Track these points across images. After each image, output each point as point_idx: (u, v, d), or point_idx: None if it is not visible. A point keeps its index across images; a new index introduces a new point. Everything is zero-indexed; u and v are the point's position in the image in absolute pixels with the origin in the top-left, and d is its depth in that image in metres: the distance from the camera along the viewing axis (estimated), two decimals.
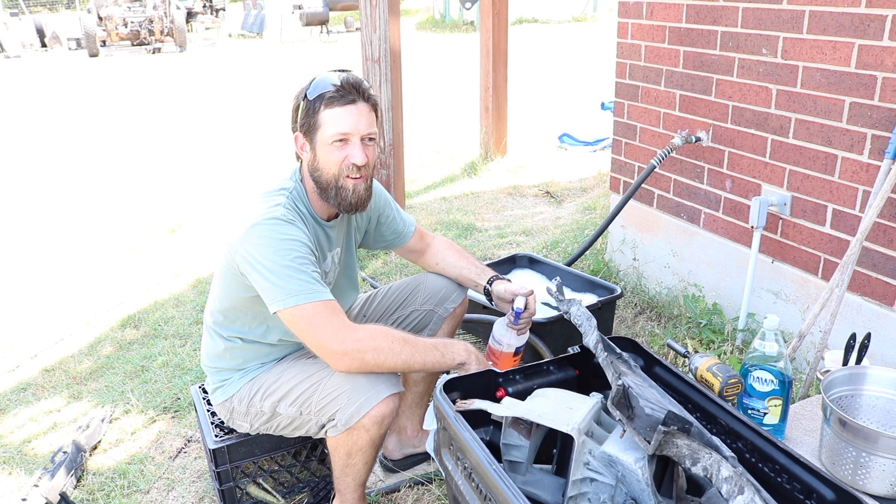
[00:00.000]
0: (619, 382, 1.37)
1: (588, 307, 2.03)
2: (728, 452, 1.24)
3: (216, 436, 1.94)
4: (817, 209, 2.39)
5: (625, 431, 1.38)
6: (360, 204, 1.79)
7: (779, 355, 1.65)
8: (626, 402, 1.35)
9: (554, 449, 1.57)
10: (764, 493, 1.17)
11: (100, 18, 16.46)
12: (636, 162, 3.26)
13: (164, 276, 3.88)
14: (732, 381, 1.66)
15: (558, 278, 1.94)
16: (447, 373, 1.74)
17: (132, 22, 16.58)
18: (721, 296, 2.87)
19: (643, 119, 3.16)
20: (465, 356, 1.73)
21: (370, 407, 1.65)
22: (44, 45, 17.69)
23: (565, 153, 6.05)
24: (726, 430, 1.48)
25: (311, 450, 2.06)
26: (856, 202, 2.25)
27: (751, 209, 2.56)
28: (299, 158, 1.83)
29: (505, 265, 3.16)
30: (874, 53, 2.11)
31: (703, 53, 2.75)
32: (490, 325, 2.65)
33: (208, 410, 2.06)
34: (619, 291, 2.73)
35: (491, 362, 1.90)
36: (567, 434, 1.39)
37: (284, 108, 1.80)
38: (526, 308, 1.92)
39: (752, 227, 2.58)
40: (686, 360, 1.84)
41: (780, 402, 1.66)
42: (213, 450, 1.91)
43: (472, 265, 2.13)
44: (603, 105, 6.77)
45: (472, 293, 2.34)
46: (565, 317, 1.75)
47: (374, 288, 2.42)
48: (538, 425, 1.49)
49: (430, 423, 2.16)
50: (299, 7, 19.47)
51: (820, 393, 1.64)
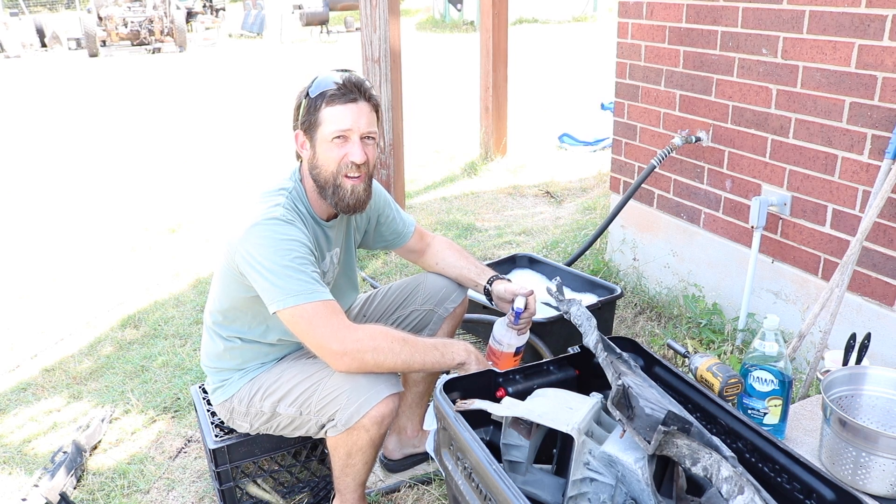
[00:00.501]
0: (619, 382, 1.37)
1: (588, 307, 2.03)
2: (728, 452, 1.24)
3: (216, 436, 1.94)
4: (817, 209, 2.39)
5: (625, 431, 1.38)
6: (359, 205, 1.79)
7: (779, 355, 1.65)
8: (626, 402, 1.35)
9: (554, 449, 1.57)
10: (764, 493, 1.17)
11: (100, 18, 16.47)
12: (636, 162, 3.26)
13: (164, 276, 3.88)
14: (732, 381, 1.66)
15: (558, 278, 1.94)
16: (447, 373, 1.74)
17: (132, 22, 16.59)
18: (721, 296, 2.87)
19: (643, 119, 3.16)
20: (464, 356, 1.73)
21: (370, 407, 1.65)
22: (44, 45, 17.69)
23: (565, 153, 6.05)
24: (726, 430, 1.48)
25: (311, 450, 2.06)
26: (856, 202, 2.25)
27: (751, 209, 2.56)
28: (299, 158, 1.83)
29: (505, 265, 3.16)
30: (874, 53, 2.11)
31: (703, 53, 2.75)
32: (490, 325, 2.65)
33: (208, 410, 2.06)
34: (619, 291, 2.73)
35: (491, 362, 1.90)
36: (567, 434, 1.39)
37: (284, 108, 1.81)
38: (526, 308, 1.92)
39: (752, 227, 2.58)
40: (686, 360, 1.84)
41: (780, 402, 1.67)
42: (213, 450, 1.91)
43: (472, 265, 2.13)
44: (603, 105, 6.77)
45: (472, 293, 2.34)
46: (565, 317, 1.75)
47: (374, 288, 2.42)
48: (538, 425, 1.49)
49: (431, 424, 2.16)
50: (299, 7, 19.48)
51: (820, 393, 1.64)
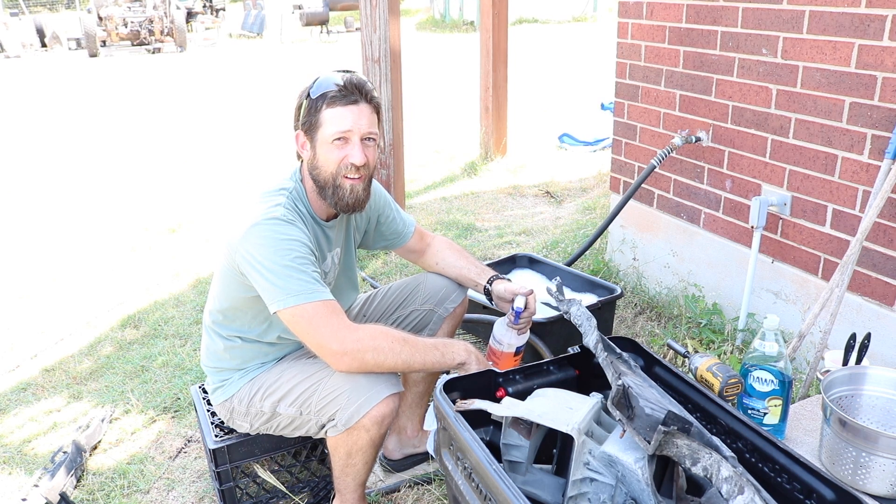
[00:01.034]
0: (619, 382, 1.37)
1: (588, 307, 2.03)
2: (728, 452, 1.24)
3: (216, 436, 1.94)
4: (817, 209, 2.39)
5: (625, 431, 1.38)
6: (358, 205, 1.79)
7: (779, 355, 1.65)
8: (626, 402, 1.35)
9: (554, 449, 1.57)
10: (764, 493, 1.17)
11: (100, 18, 16.46)
12: (636, 162, 3.26)
13: (164, 276, 3.88)
14: (732, 381, 1.66)
15: (558, 278, 1.94)
16: (447, 373, 1.74)
17: (132, 22, 16.59)
18: (721, 296, 2.87)
19: (643, 119, 3.16)
20: (464, 356, 1.73)
21: (370, 407, 1.65)
22: (44, 45, 17.69)
23: (565, 153, 6.05)
24: (726, 430, 1.48)
25: (311, 450, 2.06)
26: (856, 202, 2.25)
27: (751, 209, 2.56)
28: (300, 158, 1.83)
29: (505, 265, 3.16)
30: (874, 53, 2.11)
31: (703, 53, 2.75)
32: (490, 325, 2.65)
33: (208, 410, 2.06)
34: (619, 291, 2.73)
35: (491, 362, 1.90)
36: (567, 434, 1.39)
37: (284, 108, 1.81)
38: (526, 307, 1.92)
39: (752, 227, 2.58)
40: (686, 360, 1.84)
41: (780, 402, 1.66)
42: (213, 450, 1.91)
43: (472, 265, 2.13)
44: (603, 105, 6.77)
45: (472, 293, 2.34)
46: (565, 317, 1.75)
47: (374, 288, 2.42)
48: (538, 425, 1.49)
49: (431, 424, 2.16)
50: (299, 7, 19.48)
51: (820, 393, 1.64)
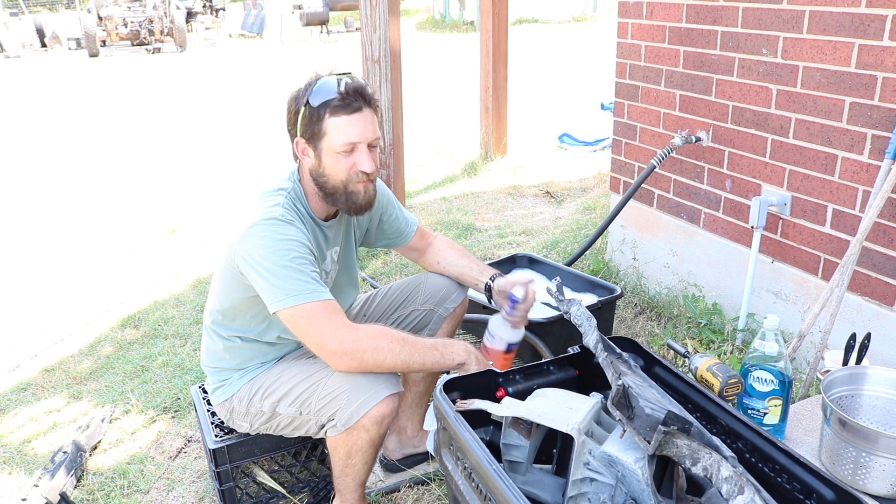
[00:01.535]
0: (619, 382, 1.37)
1: (588, 307, 2.02)
2: (728, 452, 1.24)
3: (216, 436, 1.94)
4: (817, 209, 2.39)
5: (625, 431, 1.38)
6: (369, 205, 1.81)
7: (779, 355, 1.65)
8: (626, 402, 1.35)
9: (554, 449, 1.57)
10: (764, 493, 1.17)
11: (100, 18, 16.47)
12: (636, 162, 3.26)
13: (164, 276, 3.88)
14: (732, 381, 1.66)
15: (558, 278, 1.93)
16: (447, 373, 1.74)
17: (132, 22, 16.59)
18: (721, 296, 2.87)
19: (643, 119, 3.16)
20: (464, 356, 1.73)
21: (370, 407, 1.65)
22: (44, 45, 17.69)
23: (565, 153, 6.05)
24: (726, 430, 1.47)
25: (311, 450, 2.06)
26: (856, 202, 2.25)
27: (751, 209, 2.56)
28: (297, 160, 1.82)
29: (505, 265, 3.15)
30: (874, 53, 2.11)
31: (703, 53, 2.75)
32: None
33: (208, 410, 2.06)
34: (619, 291, 2.73)
35: (491, 362, 1.90)
36: (567, 434, 1.39)
37: (284, 108, 1.79)
38: (525, 298, 1.88)
39: (752, 227, 2.58)
40: (686, 360, 1.84)
41: (780, 402, 1.66)
42: (213, 450, 1.91)
43: (474, 263, 2.12)
44: (603, 105, 6.77)
45: (472, 293, 2.34)
46: (565, 317, 1.75)
47: (374, 288, 2.42)
48: (538, 425, 1.49)
49: (431, 424, 2.16)
50: (299, 7, 19.48)
51: (820, 393, 1.64)
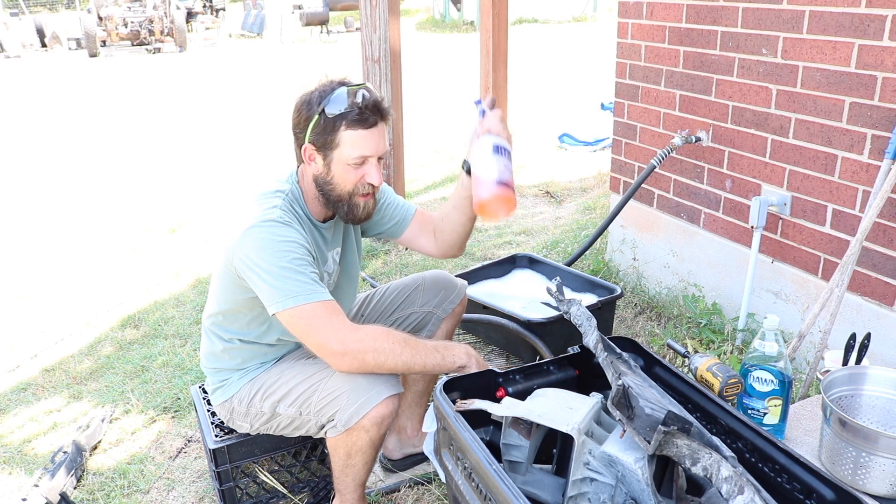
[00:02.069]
0: (619, 382, 1.37)
1: (588, 307, 2.02)
2: (728, 452, 1.24)
3: (216, 436, 1.94)
4: (817, 209, 2.39)
5: (625, 431, 1.38)
6: (367, 217, 1.83)
7: (779, 355, 1.65)
8: (626, 402, 1.35)
9: (554, 449, 1.57)
10: (764, 493, 1.17)
11: (100, 18, 16.47)
12: (636, 162, 3.26)
13: (164, 276, 3.88)
14: (732, 381, 1.66)
15: (558, 278, 1.93)
16: (447, 373, 1.74)
17: (132, 22, 16.59)
18: (721, 296, 2.87)
19: (643, 119, 3.16)
20: (465, 359, 1.73)
21: (369, 408, 1.65)
22: (44, 45, 17.69)
23: (565, 153, 6.05)
24: (726, 430, 1.47)
25: (312, 450, 2.06)
26: (856, 202, 2.25)
27: (751, 209, 2.56)
28: (301, 162, 1.81)
29: (505, 265, 3.16)
30: (874, 53, 2.11)
31: (703, 53, 2.75)
32: (489, 325, 2.66)
33: (208, 410, 2.06)
34: (619, 291, 2.74)
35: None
36: (567, 434, 1.39)
37: (284, 108, 1.79)
38: (489, 102, 1.77)
39: (752, 227, 2.58)
40: (686, 360, 1.84)
41: (780, 402, 1.66)
42: (213, 450, 1.91)
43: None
44: (603, 105, 6.77)
45: (471, 293, 2.34)
46: (565, 317, 1.75)
47: (374, 287, 2.42)
48: (538, 425, 1.49)
49: (429, 426, 2.16)
50: (299, 7, 19.49)
51: (820, 393, 1.64)
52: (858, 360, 1.79)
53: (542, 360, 1.73)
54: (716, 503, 1.38)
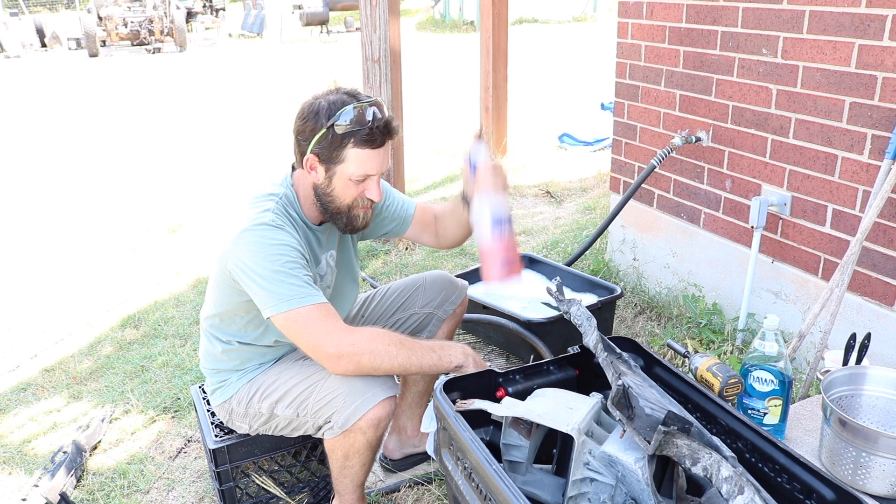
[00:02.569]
0: (619, 382, 1.37)
1: (588, 307, 2.02)
2: (728, 452, 1.24)
3: (216, 436, 1.94)
4: (817, 209, 2.39)
5: (625, 431, 1.38)
6: (365, 226, 1.84)
7: (779, 355, 1.65)
8: (626, 402, 1.35)
9: (554, 449, 1.57)
10: (764, 493, 1.17)
11: (100, 18, 16.48)
12: (636, 162, 3.26)
13: (165, 276, 3.88)
14: (732, 381, 1.66)
15: (558, 278, 1.93)
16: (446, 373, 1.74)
17: (132, 22, 16.60)
18: (721, 296, 2.87)
19: (643, 119, 3.16)
20: (462, 359, 1.72)
21: (366, 410, 1.65)
22: (44, 45, 17.70)
23: (565, 153, 6.05)
24: (726, 430, 1.48)
25: (311, 450, 2.06)
26: (856, 202, 2.25)
27: (751, 209, 2.56)
28: (299, 167, 1.79)
29: None
30: (874, 53, 2.11)
31: (703, 53, 2.75)
32: (489, 325, 2.66)
33: (208, 410, 2.06)
34: (619, 291, 2.73)
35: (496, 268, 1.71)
36: (567, 434, 1.39)
37: (284, 108, 1.79)
38: (480, 154, 1.76)
39: (752, 227, 2.58)
40: (686, 360, 1.84)
41: (780, 402, 1.66)
42: (213, 450, 1.91)
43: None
44: (603, 105, 6.77)
45: (471, 293, 2.34)
46: (565, 317, 1.75)
47: (374, 288, 2.42)
48: (538, 425, 1.50)
49: (428, 426, 2.16)
50: (299, 7, 19.49)
51: (820, 393, 1.64)
52: (858, 360, 1.79)
53: (542, 360, 1.73)
54: (716, 503, 1.38)
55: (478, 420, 1.56)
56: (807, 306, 2.48)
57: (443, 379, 1.57)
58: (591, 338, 1.58)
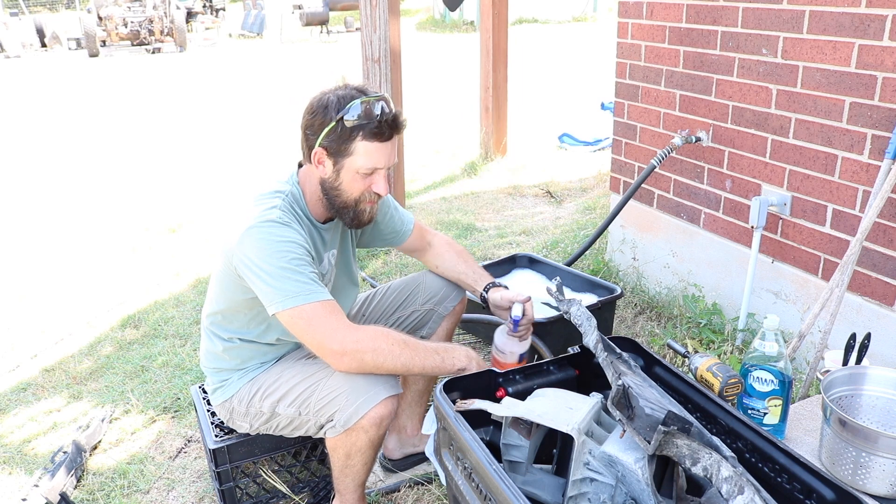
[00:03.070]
0: (619, 382, 1.37)
1: (588, 307, 2.03)
2: (728, 452, 1.24)
3: (216, 436, 1.94)
4: (817, 209, 2.39)
5: (625, 431, 1.38)
6: (370, 221, 1.84)
7: (779, 355, 1.65)
8: (626, 402, 1.35)
9: (554, 449, 1.57)
10: (764, 493, 1.17)
11: (100, 18, 16.48)
12: (636, 162, 3.26)
13: (165, 276, 3.88)
14: (732, 381, 1.66)
15: (558, 278, 1.94)
16: None
17: (132, 22, 16.60)
18: (721, 296, 2.87)
19: (643, 119, 3.16)
20: (465, 362, 1.73)
21: (368, 408, 1.65)
22: (44, 45, 17.70)
23: (565, 153, 6.05)
24: (726, 430, 1.47)
25: (312, 450, 2.06)
26: (856, 202, 2.25)
27: (751, 209, 2.56)
28: (306, 163, 1.80)
29: (505, 265, 3.16)
30: (874, 53, 2.11)
31: (703, 53, 2.75)
32: (489, 324, 2.66)
33: (208, 410, 2.06)
34: (619, 291, 2.73)
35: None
36: (567, 434, 1.39)
37: (284, 108, 1.79)
38: (524, 315, 1.90)
39: (752, 227, 2.58)
40: (686, 360, 1.84)
41: (780, 402, 1.66)
42: (213, 450, 1.91)
43: (471, 269, 2.12)
44: (603, 105, 6.77)
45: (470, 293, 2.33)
46: (565, 317, 1.75)
47: (374, 287, 2.42)
48: (538, 425, 1.50)
49: (429, 428, 2.16)
50: (299, 7, 19.48)
51: (820, 393, 1.64)
52: (858, 360, 1.79)
53: (542, 360, 1.73)
54: (716, 503, 1.38)
55: (478, 420, 1.56)
56: (807, 306, 2.48)
57: (443, 379, 1.58)
58: (591, 338, 1.58)
